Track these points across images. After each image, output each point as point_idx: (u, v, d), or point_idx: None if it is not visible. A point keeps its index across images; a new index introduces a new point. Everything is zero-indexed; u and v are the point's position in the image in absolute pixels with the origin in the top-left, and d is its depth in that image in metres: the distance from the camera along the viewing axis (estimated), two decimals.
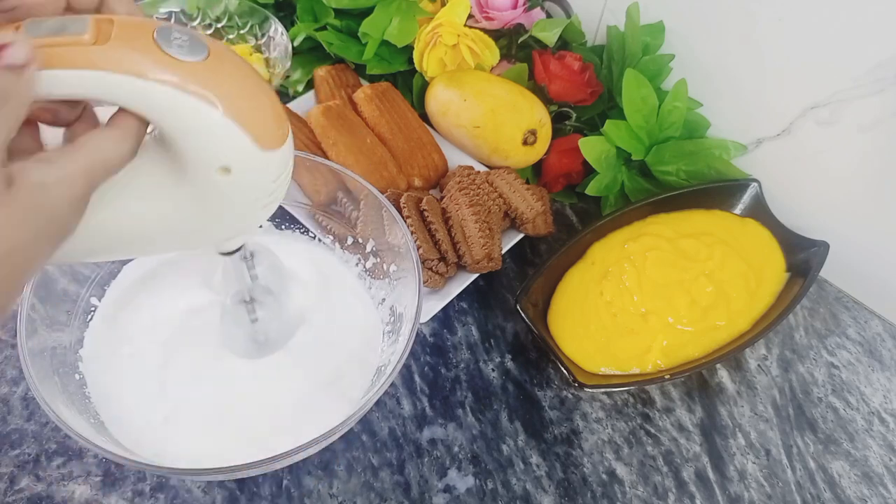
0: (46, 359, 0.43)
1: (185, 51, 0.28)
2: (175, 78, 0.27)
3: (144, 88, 0.27)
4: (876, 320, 0.60)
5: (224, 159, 0.30)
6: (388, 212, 0.49)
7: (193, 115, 0.28)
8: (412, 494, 0.47)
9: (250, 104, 0.30)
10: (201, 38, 0.29)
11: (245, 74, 0.30)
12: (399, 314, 0.48)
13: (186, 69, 0.28)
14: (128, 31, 0.28)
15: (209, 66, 0.28)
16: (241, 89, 0.30)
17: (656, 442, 0.51)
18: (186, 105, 0.28)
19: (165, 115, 0.29)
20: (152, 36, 0.28)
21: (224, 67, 0.29)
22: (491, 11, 0.67)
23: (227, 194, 0.32)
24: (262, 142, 0.30)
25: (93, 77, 0.27)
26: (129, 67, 0.27)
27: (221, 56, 0.29)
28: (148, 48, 0.27)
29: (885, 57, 0.50)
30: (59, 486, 0.46)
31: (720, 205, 0.61)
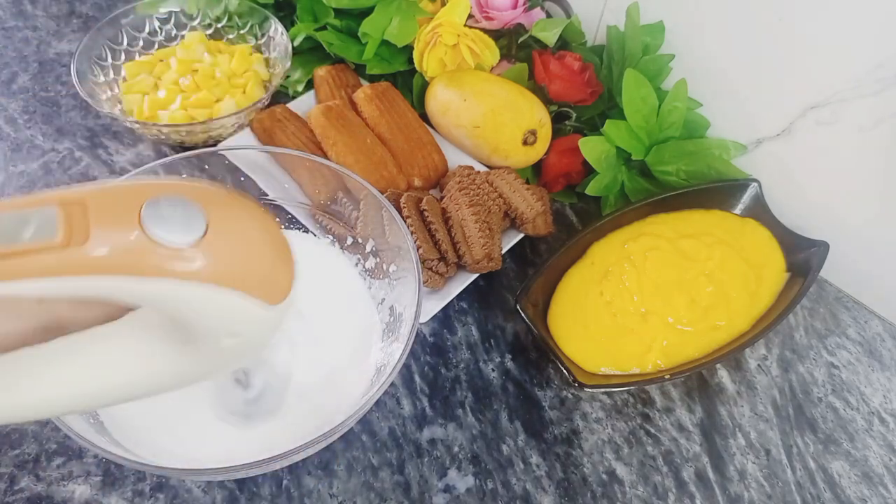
0: None
1: (179, 230, 0.24)
2: (173, 271, 0.24)
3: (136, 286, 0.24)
4: (876, 320, 0.60)
5: (233, 328, 0.28)
6: (388, 212, 0.49)
7: (197, 301, 0.26)
8: (412, 494, 0.47)
9: (259, 270, 0.27)
10: (195, 208, 0.25)
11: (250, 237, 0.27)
12: (399, 314, 0.48)
13: (187, 258, 0.24)
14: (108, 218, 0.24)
15: (209, 245, 0.25)
16: (247, 258, 0.27)
17: (656, 442, 0.51)
18: (189, 294, 0.25)
19: (165, 305, 0.26)
20: (139, 219, 0.24)
21: (226, 239, 0.26)
22: (491, 11, 0.67)
23: (234, 352, 0.30)
24: (272, 300, 0.28)
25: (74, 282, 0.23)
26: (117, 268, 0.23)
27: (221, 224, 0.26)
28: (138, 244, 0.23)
29: (885, 57, 0.50)
30: (59, 486, 0.46)
31: (720, 205, 0.61)
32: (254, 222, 0.28)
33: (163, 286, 0.24)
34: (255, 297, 0.27)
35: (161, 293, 0.25)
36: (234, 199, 0.28)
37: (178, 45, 0.72)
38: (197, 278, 0.25)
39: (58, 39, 0.79)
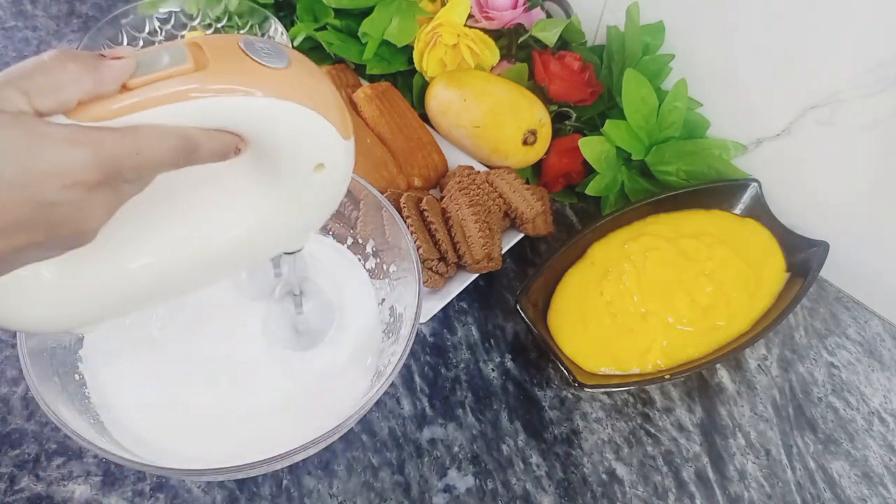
0: (46, 359, 0.43)
1: (274, 58, 0.29)
2: (277, 87, 0.29)
3: (251, 104, 0.28)
4: (876, 320, 0.60)
5: (320, 156, 0.32)
6: (388, 212, 0.49)
7: (294, 119, 0.30)
8: (412, 494, 0.47)
9: (332, 100, 0.31)
10: (280, 46, 0.30)
11: (320, 74, 0.32)
12: (399, 314, 0.48)
13: (282, 77, 0.29)
14: (219, 51, 0.28)
15: (297, 71, 0.30)
16: (323, 88, 0.31)
17: (656, 442, 0.51)
18: (287, 111, 0.29)
19: (267, 124, 0.29)
20: (242, 50, 0.29)
21: (306, 69, 0.31)
22: (491, 11, 0.67)
23: (321, 189, 0.34)
24: (344, 131, 0.32)
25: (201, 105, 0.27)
26: (236, 86, 0.28)
27: (299, 59, 0.31)
28: (246, 64, 0.28)
29: (885, 57, 0.50)
30: (59, 486, 0.46)
31: (720, 205, 0.61)
32: (319, 70, 0.32)
33: (265, 105, 0.28)
34: (334, 124, 0.31)
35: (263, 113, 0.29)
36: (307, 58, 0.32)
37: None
38: (290, 97, 0.29)
39: (58, 39, 0.79)
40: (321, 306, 0.49)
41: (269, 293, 0.48)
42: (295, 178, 0.33)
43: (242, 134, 0.30)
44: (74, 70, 0.25)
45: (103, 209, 0.27)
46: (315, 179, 0.33)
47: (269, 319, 0.49)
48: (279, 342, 0.48)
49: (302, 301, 0.47)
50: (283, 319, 0.48)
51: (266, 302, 0.49)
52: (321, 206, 0.36)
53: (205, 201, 0.34)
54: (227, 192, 0.34)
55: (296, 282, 0.45)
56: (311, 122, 0.30)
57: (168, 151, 0.27)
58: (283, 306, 0.47)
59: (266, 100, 0.28)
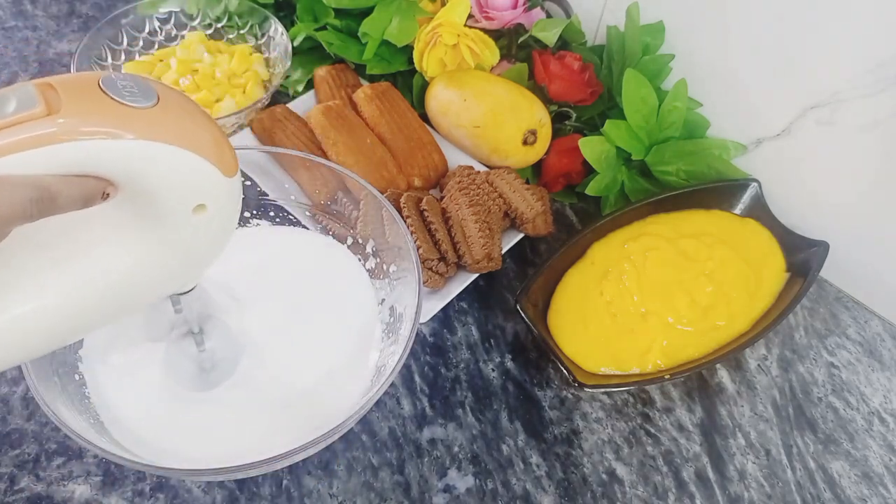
0: (46, 359, 0.43)
1: (137, 97, 0.27)
2: (143, 128, 0.27)
3: (113, 147, 0.26)
4: (876, 320, 0.60)
5: (199, 197, 0.30)
6: (387, 212, 0.49)
7: (165, 160, 0.28)
8: (412, 494, 0.47)
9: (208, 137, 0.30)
10: (143, 80, 0.28)
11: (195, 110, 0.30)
12: (399, 314, 0.48)
13: (149, 116, 0.27)
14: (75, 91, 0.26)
15: (165, 108, 0.28)
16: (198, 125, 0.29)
17: (656, 442, 0.51)
18: (157, 152, 0.27)
19: (135, 166, 0.28)
20: (100, 89, 0.26)
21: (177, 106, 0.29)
22: (491, 11, 0.67)
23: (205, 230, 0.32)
24: (226, 170, 0.30)
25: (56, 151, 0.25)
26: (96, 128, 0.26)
27: (169, 95, 0.29)
28: (104, 104, 0.26)
29: (885, 57, 0.50)
30: (59, 486, 0.46)
31: (720, 205, 0.61)
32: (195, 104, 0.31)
33: (134, 148, 0.27)
34: (212, 161, 0.29)
35: (132, 156, 0.27)
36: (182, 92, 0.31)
37: (178, 45, 0.72)
38: (161, 138, 0.27)
39: (58, 39, 0.79)
40: (225, 342, 0.46)
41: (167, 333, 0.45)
42: (173, 220, 0.31)
43: (108, 178, 0.28)
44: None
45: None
46: (196, 221, 0.31)
47: (168, 361, 0.46)
48: (182, 384, 0.46)
49: (203, 339, 0.44)
50: (184, 359, 0.45)
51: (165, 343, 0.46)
52: (207, 246, 0.34)
53: (76, 246, 0.31)
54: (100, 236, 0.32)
55: (194, 320, 0.43)
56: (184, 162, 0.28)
57: (18, 204, 0.25)
58: (182, 346, 0.44)
59: (131, 142, 0.26)
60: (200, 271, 0.36)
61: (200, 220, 0.31)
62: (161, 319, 0.44)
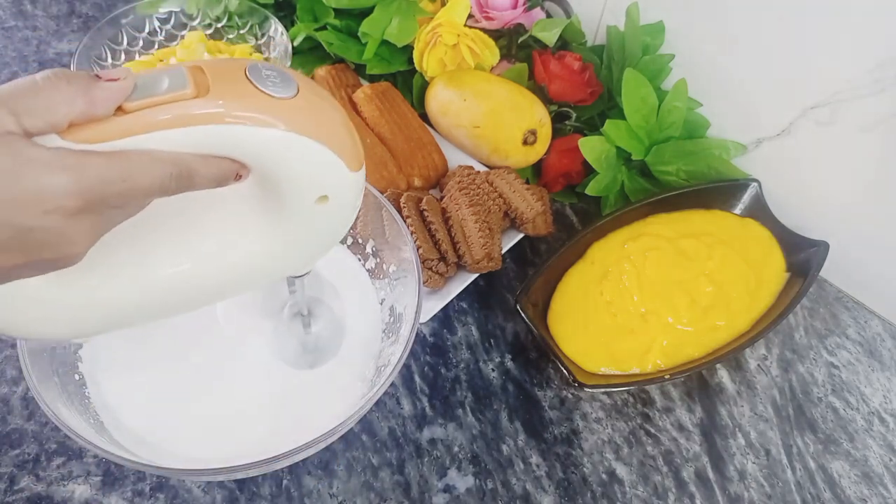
0: (46, 359, 0.43)
1: (280, 87, 0.28)
2: (281, 118, 0.28)
3: (252, 133, 0.28)
4: (876, 320, 0.60)
5: (323, 188, 0.31)
6: (388, 212, 0.49)
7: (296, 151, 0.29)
8: (412, 494, 0.47)
9: (339, 131, 0.31)
10: (286, 70, 0.29)
11: (330, 103, 0.31)
12: (399, 314, 0.48)
13: (288, 108, 0.28)
14: (222, 76, 0.28)
15: (303, 100, 0.29)
16: (331, 118, 0.30)
17: (656, 442, 0.51)
18: (291, 142, 0.28)
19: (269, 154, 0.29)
20: (246, 77, 0.28)
21: (314, 99, 0.30)
22: (491, 11, 0.67)
23: (324, 221, 0.33)
24: (351, 165, 0.31)
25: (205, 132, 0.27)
26: (237, 115, 0.27)
27: (308, 87, 0.30)
28: (248, 92, 0.27)
29: (885, 57, 0.50)
30: (59, 486, 0.46)
31: (720, 205, 0.61)
32: (330, 97, 0.32)
33: (278, 137, 0.28)
34: (340, 156, 0.30)
35: (273, 144, 0.28)
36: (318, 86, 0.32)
37: (178, 45, 0.72)
38: (303, 130, 0.28)
39: (58, 39, 0.79)
40: (330, 327, 0.49)
41: (280, 311, 0.47)
42: (298, 208, 0.32)
43: (244, 162, 0.29)
44: (67, 91, 0.25)
45: (86, 235, 0.26)
46: (318, 210, 0.32)
47: (276, 338, 0.49)
48: (286, 360, 0.48)
49: (311, 321, 0.46)
50: (291, 338, 0.48)
51: (275, 320, 0.48)
52: (325, 236, 0.35)
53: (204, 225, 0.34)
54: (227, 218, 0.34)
55: (304, 302, 0.45)
56: (316, 154, 0.29)
57: (159, 178, 0.27)
58: (291, 325, 0.47)
59: (277, 132, 0.28)
60: (317, 258, 0.38)
61: (322, 210, 0.32)
62: (275, 298, 0.47)
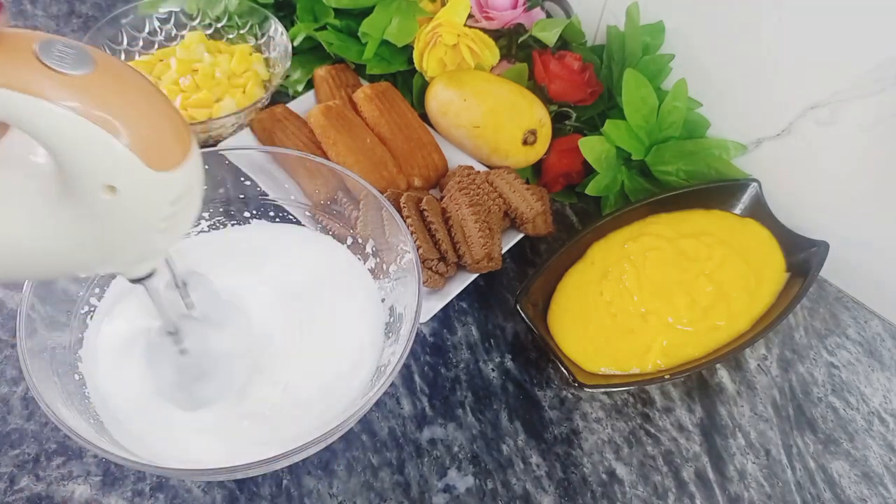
0: (46, 359, 0.43)
1: (69, 64, 0.26)
2: (56, 92, 0.26)
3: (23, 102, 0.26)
4: (876, 320, 0.60)
5: (108, 178, 0.28)
6: (387, 212, 0.49)
7: (73, 132, 0.27)
8: (412, 494, 0.47)
9: (140, 121, 0.28)
10: (89, 51, 0.27)
11: (137, 89, 0.29)
12: (399, 314, 0.48)
13: (68, 83, 0.26)
14: (8, 41, 0.26)
15: (94, 81, 0.27)
16: (131, 105, 0.28)
17: (656, 442, 0.51)
18: (66, 121, 0.26)
19: (44, 130, 0.27)
20: (33, 47, 0.26)
21: (112, 81, 0.28)
22: (491, 11, 0.67)
23: (114, 215, 0.30)
24: (152, 162, 0.28)
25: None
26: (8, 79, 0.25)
27: (110, 69, 0.28)
28: (27, 59, 0.26)
29: (885, 57, 0.50)
30: (58, 486, 0.46)
31: (720, 205, 0.61)
32: (146, 85, 0.29)
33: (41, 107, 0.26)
34: (131, 147, 0.28)
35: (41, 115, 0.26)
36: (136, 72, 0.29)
37: (178, 44, 0.72)
38: (73, 105, 0.26)
39: None
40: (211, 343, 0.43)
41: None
42: (80, 194, 0.29)
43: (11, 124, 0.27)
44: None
45: None
46: (105, 202, 0.29)
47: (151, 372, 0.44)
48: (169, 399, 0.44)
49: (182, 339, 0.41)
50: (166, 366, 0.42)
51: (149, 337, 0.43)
52: (124, 234, 0.31)
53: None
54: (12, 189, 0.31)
55: (167, 320, 0.40)
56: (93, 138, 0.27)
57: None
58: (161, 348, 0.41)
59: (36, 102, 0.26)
60: (130, 257, 0.34)
61: (111, 202, 0.29)
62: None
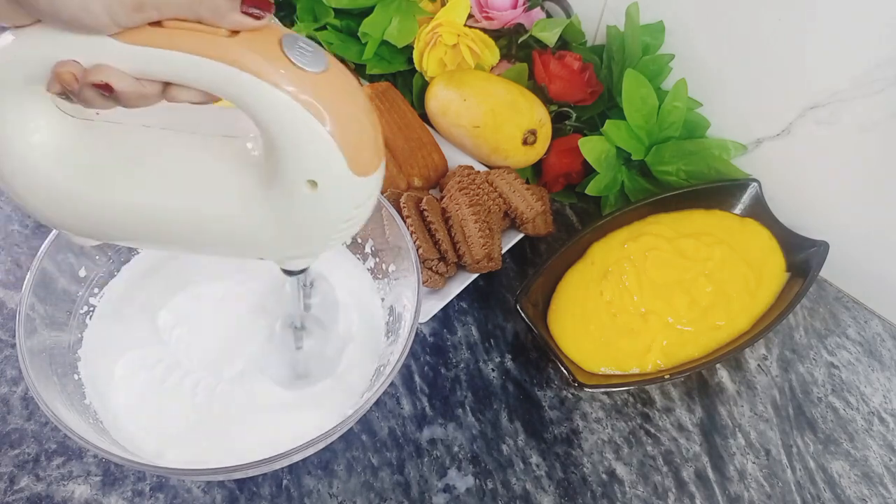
0: (45, 359, 0.43)
1: (307, 61, 0.28)
2: (292, 85, 0.28)
3: (260, 88, 0.28)
4: (876, 320, 0.60)
5: (314, 173, 0.31)
6: (387, 212, 0.49)
7: (297, 124, 0.29)
8: (412, 494, 0.47)
9: (353, 127, 0.30)
10: (323, 53, 0.29)
11: (356, 98, 0.31)
12: (399, 314, 0.48)
13: (304, 79, 0.28)
14: (259, 34, 0.28)
15: (325, 81, 0.29)
16: (349, 110, 0.30)
17: (656, 442, 0.51)
18: (294, 112, 0.28)
19: (271, 117, 0.29)
20: (279, 40, 0.28)
21: (338, 85, 0.30)
22: (491, 11, 0.67)
23: (307, 208, 0.32)
24: (354, 166, 0.30)
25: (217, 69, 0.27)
26: (253, 66, 0.27)
27: (339, 74, 0.30)
28: (273, 51, 0.28)
29: (884, 57, 0.50)
30: (58, 486, 0.46)
31: (720, 205, 0.61)
32: (363, 97, 0.31)
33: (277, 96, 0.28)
34: (341, 149, 0.30)
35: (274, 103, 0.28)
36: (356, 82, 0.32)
37: None
38: (306, 100, 0.28)
39: None
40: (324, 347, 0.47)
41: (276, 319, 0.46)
42: (284, 182, 0.31)
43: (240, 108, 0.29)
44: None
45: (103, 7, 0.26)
46: (305, 195, 0.31)
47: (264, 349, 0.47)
48: (270, 376, 0.47)
49: (303, 336, 0.45)
50: (280, 354, 0.46)
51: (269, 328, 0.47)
52: (311, 227, 0.34)
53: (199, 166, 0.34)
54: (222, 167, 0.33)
55: (297, 313, 0.44)
56: (313, 133, 0.29)
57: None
58: (282, 338, 0.45)
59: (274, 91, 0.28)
60: (302, 251, 0.36)
61: (310, 197, 0.31)
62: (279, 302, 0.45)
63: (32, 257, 0.45)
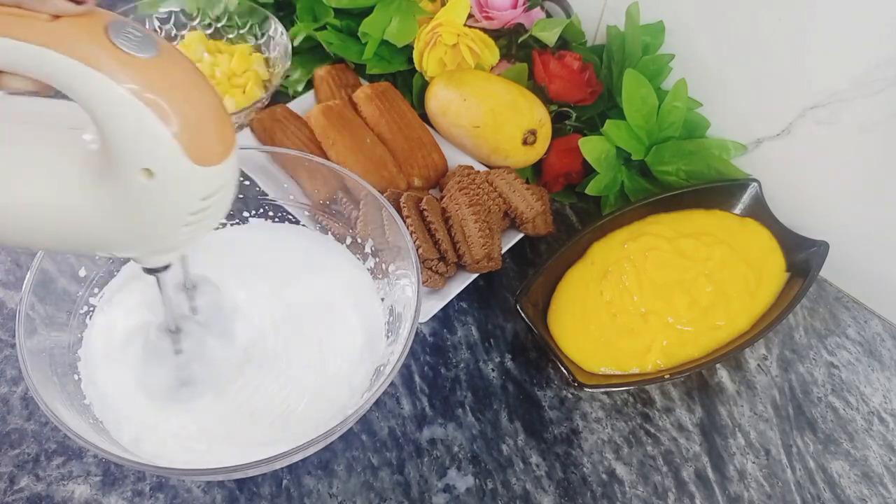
0: (45, 359, 0.43)
1: (134, 46, 0.27)
2: (116, 69, 0.27)
3: (83, 74, 0.27)
4: (876, 320, 0.60)
5: (147, 162, 0.29)
6: (387, 212, 0.49)
7: (124, 110, 0.28)
8: (412, 494, 0.47)
9: (189, 112, 0.29)
10: (155, 38, 0.28)
11: (192, 81, 0.29)
12: (398, 314, 0.48)
13: (129, 63, 0.27)
14: (83, 18, 0.27)
15: (155, 65, 0.28)
16: (183, 95, 0.29)
17: (656, 442, 0.51)
18: (119, 98, 0.27)
19: (97, 105, 0.28)
20: (105, 25, 0.27)
21: (170, 69, 0.28)
22: (491, 11, 0.67)
23: (146, 200, 0.30)
24: (193, 154, 0.29)
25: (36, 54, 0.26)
26: (74, 50, 0.26)
27: (171, 58, 0.29)
28: (96, 35, 0.27)
29: (884, 57, 0.50)
30: (58, 486, 0.46)
31: (720, 205, 0.61)
32: (201, 80, 0.30)
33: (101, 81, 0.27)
34: (176, 136, 0.28)
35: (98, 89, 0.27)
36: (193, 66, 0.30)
37: (178, 44, 0.72)
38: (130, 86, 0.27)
39: None
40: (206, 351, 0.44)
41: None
42: (118, 172, 0.30)
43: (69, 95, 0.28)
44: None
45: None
46: (141, 184, 0.29)
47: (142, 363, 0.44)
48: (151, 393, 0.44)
49: (179, 339, 0.42)
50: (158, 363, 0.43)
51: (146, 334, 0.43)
52: (151, 221, 0.32)
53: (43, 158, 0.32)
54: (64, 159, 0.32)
55: (170, 316, 0.41)
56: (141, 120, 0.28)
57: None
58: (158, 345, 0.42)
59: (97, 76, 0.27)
60: (153, 246, 0.34)
61: (147, 187, 0.30)
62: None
63: (32, 257, 0.45)
